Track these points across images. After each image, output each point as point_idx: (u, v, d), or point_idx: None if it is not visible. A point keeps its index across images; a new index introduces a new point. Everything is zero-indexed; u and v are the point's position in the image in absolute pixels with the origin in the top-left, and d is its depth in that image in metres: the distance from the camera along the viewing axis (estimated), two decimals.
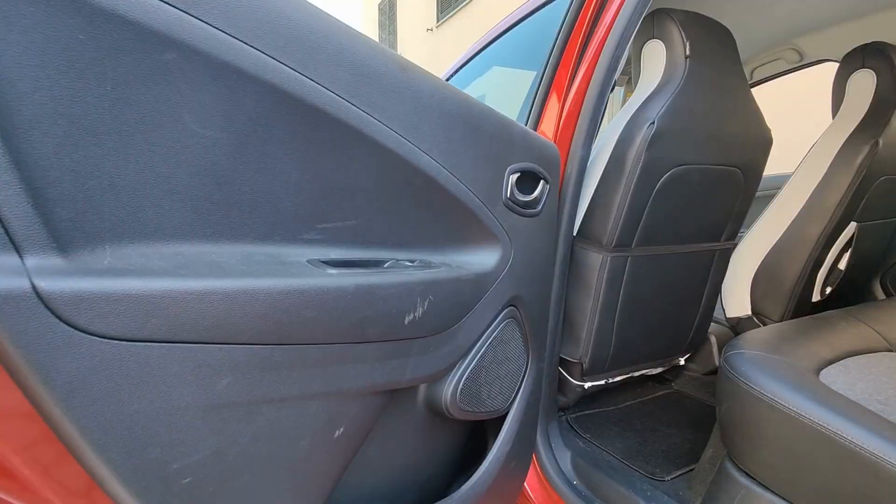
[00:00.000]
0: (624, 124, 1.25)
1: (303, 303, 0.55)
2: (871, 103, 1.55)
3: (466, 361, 0.82)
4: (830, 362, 1.06)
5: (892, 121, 1.49)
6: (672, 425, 1.53)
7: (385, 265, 0.67)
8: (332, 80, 0.57)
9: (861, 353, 1.10)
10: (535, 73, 1.31)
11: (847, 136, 1.55)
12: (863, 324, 1.25)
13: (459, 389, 0.83)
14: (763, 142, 1.38)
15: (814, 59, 2.09)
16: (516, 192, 0.87)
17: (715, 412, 1.62)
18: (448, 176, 0.72)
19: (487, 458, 0.99)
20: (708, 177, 1.33)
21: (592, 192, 1.30)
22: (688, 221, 1.38)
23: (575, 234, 1.34)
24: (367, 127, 0.61)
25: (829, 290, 1.75)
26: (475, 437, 1.18)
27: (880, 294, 1.97)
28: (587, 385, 1.49)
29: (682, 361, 1.72)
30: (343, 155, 0.60)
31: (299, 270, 0.56)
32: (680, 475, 1.28)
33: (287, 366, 0.55)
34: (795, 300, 1.67)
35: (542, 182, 0.94)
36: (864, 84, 1.58)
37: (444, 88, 0.71)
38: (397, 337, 0.66)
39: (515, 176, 0.86)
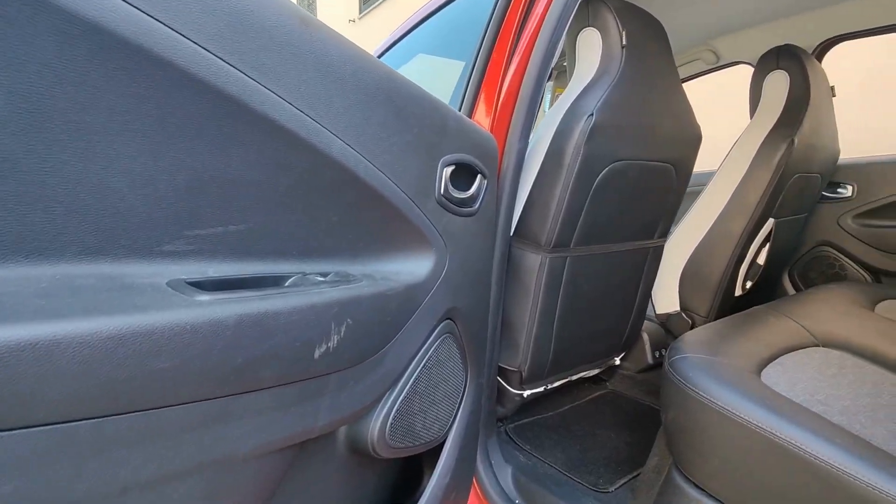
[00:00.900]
0: (561, 116, 1.17)
1: (150, 349, 0.37)
2: (786, 103, 1.60)
3: (396, 391, 0.69)
4: (768, 361, 1.04)
5: (804, 120, 1.55)
6: (611, 428, 1.49)
7: (286, 283, 0.52)
8: (196, 28, 0.41)
9: (793, 350, 1.10)
10: (464, 62, 1.20)
11: (765, 135, 1.59)
12: (790, 319, 1.26)
13: (389, 424, 0.70)
14: (694, 138, 1.37)
15: (729, 61, 2.16)
16: (451, 187, 0.74)
17: (651, 411, 1.61)
18: (368, 167, 0.58)
19: (424, 494, 0.86)
20: (644, 173, 1.28)
21: (530, 188, 1.21)
22: (625, 219, 1.33)
23: (511, 233, 1.24)
24: (252, 97, 0.45)
25: (749, 284, 1.80)
26: (408, 468, 1.05)
27: (789, 287, 2.08)
28: (526, 393, 1.41)
29: (617, 361, 1.70)
30: (218, 135, 0.44)
31: (150, 299, 0.39)
32: (624, 484, 1.23)
33: (127, 442, 0.38)
34: (721, 295, 1.71)
35: (479, 177, 0.82)
36: (778, 85, 1.63)
37: (362, 57, 0.57)
38: (305, 376, 0.52)
39: (450, 169, 0.73)
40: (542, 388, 1.45)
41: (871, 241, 1.85)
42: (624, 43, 1.16)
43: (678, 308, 1.81)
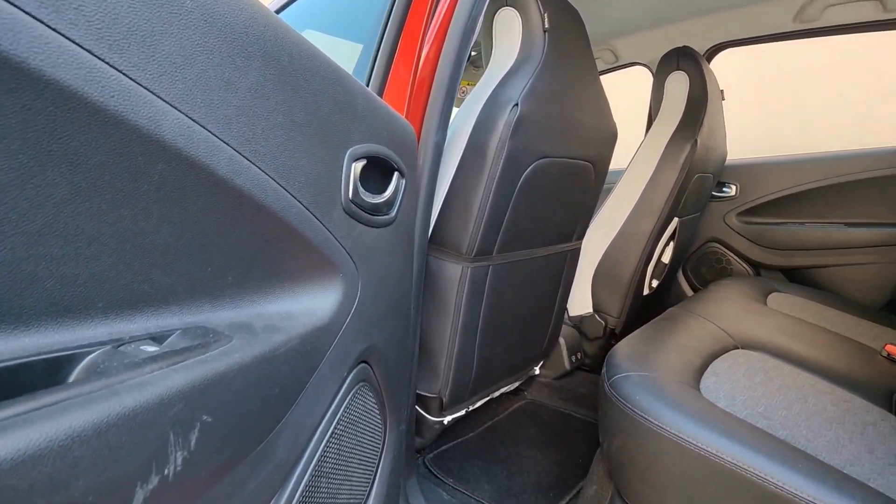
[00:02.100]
0: (482, 104, 1.02)
1: None
2: (686, 104, 1.62)
3: (293, 482, 0.48)
4: (701, 371, 0.99)
5: (704, 121, 1.58)
6: (535, 445, 1.39)
7: (74, 373, 0.29)
8: None
9: (719, 355, 1.07)
10: (363, 44, 0.99)
11: (670, 135, 1.60)
12: (706, 320, 1.25)
13: None
14: (611, 135, 1.31)
15: (627, 62, 2.20)
16: (361, 190, 0.54)
17: (572, 420, 1.54)
18: (234, 158, 0.37)
19: None
20: (566, 172, 1.18)
21: (447, 187, 1.05)
22: (546, 222, 1.23)
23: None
24: (29, 48, 0.23)
25: (655, 282, 1.83)
26: None
27: (684, 282, 2.18)
28: (447, 420, 1.25)
29: (537, 370, 1.61)
30: None
31: None
32: None
33: None
34: (632, 295, 1.70)
35: (396, 175, 0.64)
36: (679, 85, 1.65)
37: None
38: None
39: (360, 165, 0.53)
40: (463, 412, 1.31)
41: (751, 237, 1.99)
42: (546, 27, 1.04)
43: (591, 310, 1.78)
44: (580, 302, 1.79)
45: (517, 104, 0.97)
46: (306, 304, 0.46)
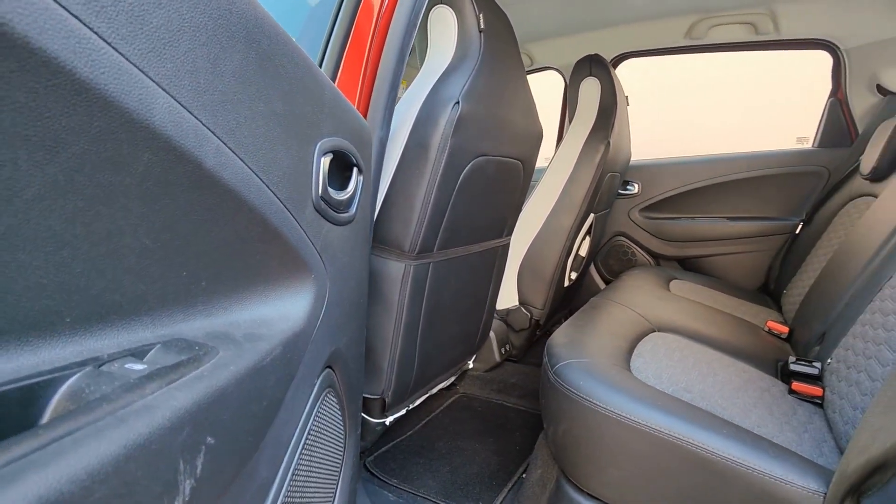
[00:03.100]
0: (422, 101, 1.02)
1: None
2: (599, 108, 1.74)
3: (270, 500, 0.44)
4: (629, 353, 1.08)
5: (614, 123, 1.71)
6: (473, 436, 1.42)
7: (59, 392, 0.24)
8: None
9: (641, 338, 1.17)
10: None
11: (586, 136, 1.71)
12: (626, 307, 1.36)
13: None
14: (538, 134, 1.37)
15: (541, 66, 2.32)
16: (328, 186, 0.52)
17: (504, 409, 1.60)
18: (220, 150, 0.33)
19: None
20: (500, 170, 1.22)
21: (388, 184, 1.03)
22: (482, 218, 1.25)
23: None
24: (12, 8, 0.19)
25: (574, 275, 1.95)
26: None
27: (596, 274, 2.34)
28: (389, 420, 1.23)
29: (471, 364, 1.64)
30: None
31: None
32: (504, 498, 1.16)
33: None
34: (554, 287, 1.80)
35: (355, 171, 0.61)
36: (592, 90, 1.77)
37: None
38: None
39: (328, 159, 0.50)
40: (404, 411, 1.29)
41: (652, 231, 2.19)
42: (482, 27, 1.07)
43: (517, 303, 1.85)
44: (507, 295, 1.85)
45: (458, 102, 0.98)
46: (280, 309, 0.43)
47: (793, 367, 1.09)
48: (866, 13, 1.57)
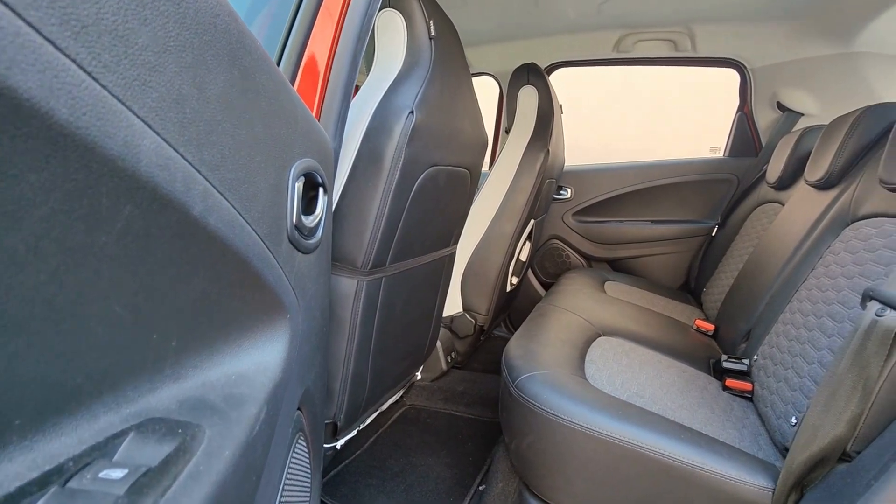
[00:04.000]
0: (373, 109, 0.97)
1: None
2: (537, 116, 1.78)
3: None
4: (582, 359, 1.10)
5: (552, 131, 1.76)
6: (425, 451, 1.38)
7: None
8: None
9: (590, 343, 1.21)
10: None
11: (526, 144, 1.74)
12: (571, 313, 1.40)
13: None
14: (484, 142, 1.36)
15: (477, 72, 2.33)
16: (302, 213, 0.46)
17: (453, 419, 1.58)
18: (215, 197, 0.27)
19: None
20: (450, 179, 1.20)
21: (339, 196, 0.97)
22: (432, 228, 1.23)
23: None
24: None
25: (515, 279, 1.98)
26: None
27: (533, 277, 2.40)
28: (340, 444, 1.17)
29: (419, 375, 1.61)
30: None
31: None
32: None
33: None
34: (497, 293, 1.81)
35: (321, 192, 0.56)
36: (530, 99, 1.80)
37: None
38: None
39: (300, 184, 0.45)
40: (354, 432, 1.24)
41: (584, 234, 2.29)
42: (432, 34, 1.04)
43: (461, 309, 1.84)
44: (451, 302, 1.84)
45: (412, 111, 0.95)
46: (257, 359, 0.37)
47: (725, 364, 1.17)
48: (769, 38, 1.74)
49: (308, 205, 0.55)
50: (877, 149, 1.15)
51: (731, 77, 1.98)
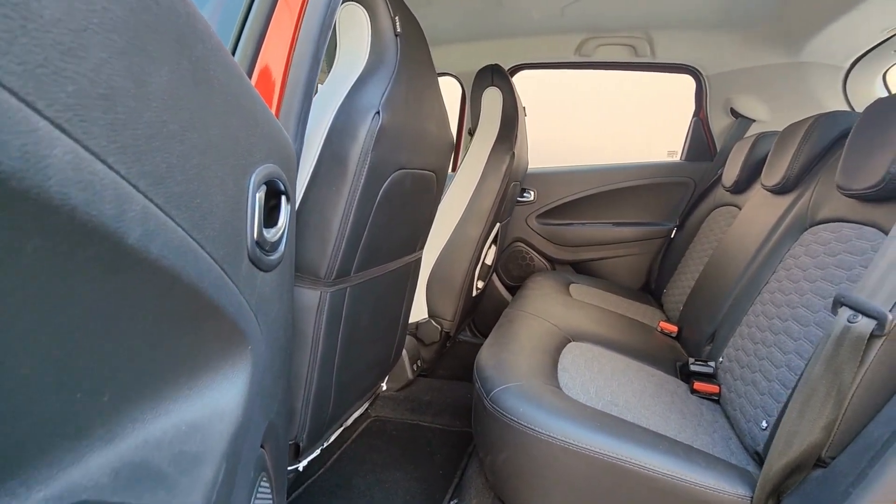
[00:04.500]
0: (336, 108, 0.91)
1: None
2: (502, 118, 1.76)
3: None
4: (554, 366, 1.08)
5: (517, 134, 1.74)
6: (392, 466, 1.33)
7: None
8: None
9: (561, 350, 1.19)
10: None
11: (491, 146, 1.72)
12: (540, 318, 1.38)
13: None
14: (450, 144, 1.32)
15: (439, 72, 2.28)
16: (263, 227, 0.40)
17: (420, 429, 1.53)
18: (158, 217, 0.21)
19: None
20: (416, 182, 1.15)
21: (299, 202, 0.91)
22: (399, 234, 1.17)
23: None
24: None
25: (481, 284, 1.95)
26: None
27: (496, 280, 2.38)
28: (303, 465, 1.09)
29: (384, 386, 1.55)
30: None
31: None
32: None
33: None
34: (463, 298, 1.77)
35: (283, 200, 0.50)
36: (494, 100, 1.78)
37: None
38: None
39: (262, 193, 0.39)
40: (318, 451, 1.16)
41: (547, 236, 2.29)
42: (398, 30, 0.99)
43: (427, 315, 1.79)
44: (416, 308, 1.79)
45: (378, 112, 0.89)
46: (212, 403, 0.31)
47: (692, 367, 1.18)
48: (724, 47, 1.79)
49: (269, 216, 0.49)
50: (830, 155, 1.19)
51: (689, 83, 2.03)
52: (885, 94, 1.67)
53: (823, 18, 1.46)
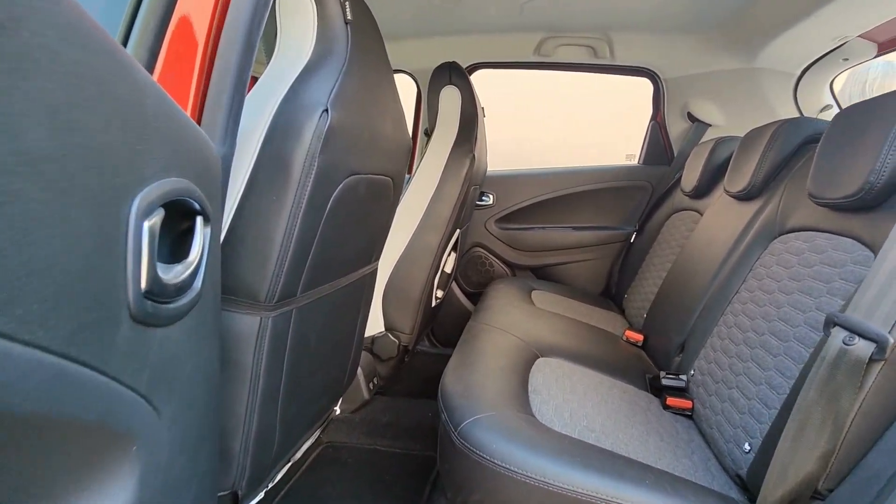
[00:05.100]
0: (276, 104, 0.78)
1: None
2: (461, 119, 1.67)
3: None
4: (525, 388, 1.00)
5: (478, 136, 1.65)
6: (347, 499, 1.21)
7: None
8: None
9: (530, 368, 1.11)
10: None
11: (450, 149, 1.62)
12: (505, 332, 1.30)
13: None
14: (407, 146, 1.22)
15: (394, 69, 2.17)
16: (159, 266, 0.29)
17: (378, 455, 1.41)
18: None
19: None
20: (371, 189, 1.04)
21: (233, 215, 0.77)
22: (353, 246, 1.06)
23: None
24: None
25: (440, 293, 1.85)
26: None
27: (455, 287, 2.29)
28: None
29: (338, 410, 1.42)
30: None
31: None
32: None
33: None
34: (422, 310, 1.67)
35: (199, 222, 0.38)
36: (453, 100, 1.68)
37: None
38: None
39: (155, 222, 0.27)
40: (262, 494, 1.03)
41: (507, 241, 2.23)
42: (349, 17, 0.87)
43: (383, 329, 1.68)
44: (372, 323, 1.67)
45: (327, 109, 0.78)
46: None
47: (664, 381, 1.14)
48: (681, 51, 1.79)
49: (179, 246, 0.37)
50: (794, 162, 1.18)
51: (647, 86, 2.02)
52: (832, 102, 1.71)
53: (779, 26, 1.46)
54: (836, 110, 1.70)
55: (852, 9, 1.27)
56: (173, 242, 0.36)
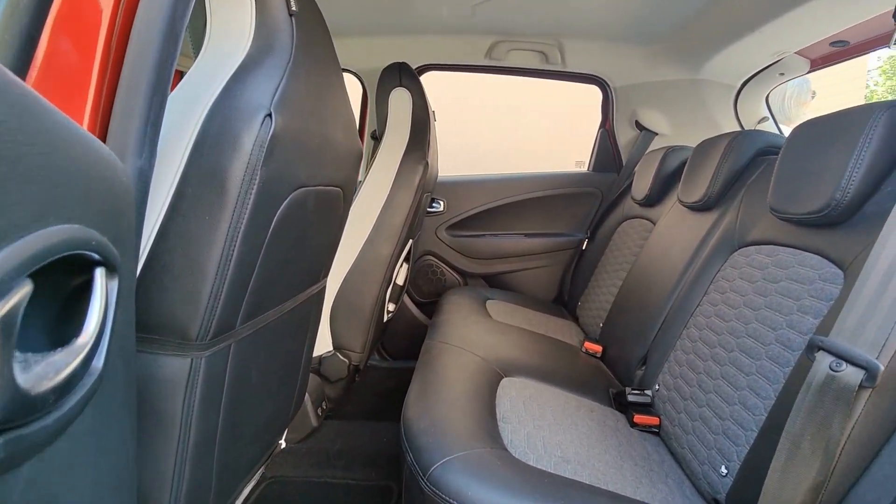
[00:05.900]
0: (207, 109, 0.66)
1: None
2: (412, 123, 1.58)
3: None
4: (492, 415, 0.94)
5: (430, 141, 1.57)
6: None
7: None
8: None
9: (495, 391, 1.05)
10: None
11: (402, 155, 1.53)
12: (464, 351, 1.23)
13: None
14: (358, 153, 1.12)
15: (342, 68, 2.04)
16: (18, 373, 0.18)
17: (326, 488, 1.30)
18: None
19: None
20: (320, 202, 0.93)
21: (154, 240, 0.65)
22: (299, 266, 0.95)
23: None
24: None
25: (392, 306, 1.75)
26: None
27: (406, 299, 2.19)
28: None
29: (283, 443, 1.29)
30: None
31: None
32: None
33: None
34: (374, 326, 1.57)
35: (100, 275, 0.27)
36: (403, 103, 1.59)
37: None
38: None
39: (14, 304, 0.17)
40: None
41: (458, 249, 2.16)
42: (293, 9, 0.77)
43: (332, 348, 1.56)
44: (319, 341, 1.54)
45: (270, 114, 0.67)
46: None
47: (630, 398, 1.11)
48: (630, 60, 1.80)
49: (69, 313, 0.26)
50: (748, 174, 1.19)
51: (597, 94, 2.03)
52: (768, 114, 1.79)
53: (723, 39, 1.50)
54: (771, 122, 1.78)
55: (793, 26, 1.31)
56: (59, 311, 0.25)
